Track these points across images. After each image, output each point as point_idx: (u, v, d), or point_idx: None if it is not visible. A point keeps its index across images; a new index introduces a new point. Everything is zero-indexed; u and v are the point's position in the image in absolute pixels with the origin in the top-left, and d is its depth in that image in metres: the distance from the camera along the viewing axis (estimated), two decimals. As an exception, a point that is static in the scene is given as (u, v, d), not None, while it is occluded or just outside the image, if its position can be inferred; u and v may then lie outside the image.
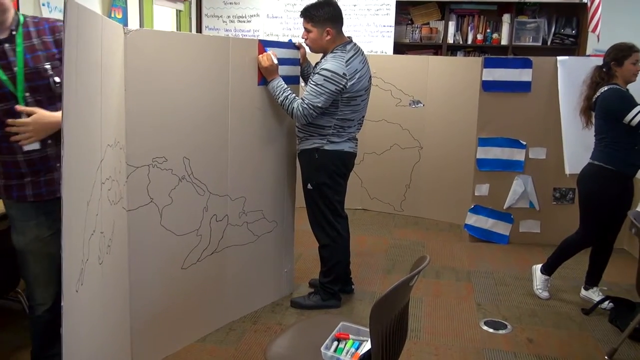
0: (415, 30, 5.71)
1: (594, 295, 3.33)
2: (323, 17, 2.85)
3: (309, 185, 3.00)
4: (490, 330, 3.00)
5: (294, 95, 2.84)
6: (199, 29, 5.72)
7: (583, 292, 3.40)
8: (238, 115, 2.73)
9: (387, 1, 5.42)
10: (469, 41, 5.65)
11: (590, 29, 4.89)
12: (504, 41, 5.54)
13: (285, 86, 2.83)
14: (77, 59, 1.42)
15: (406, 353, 2.65)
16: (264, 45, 2.81)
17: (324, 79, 2.78)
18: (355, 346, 1.95)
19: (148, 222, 2.36)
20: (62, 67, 1.33)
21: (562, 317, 3.17)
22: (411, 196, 5.07)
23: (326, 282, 3.14)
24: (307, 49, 3.05)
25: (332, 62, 2.82)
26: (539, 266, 3.47)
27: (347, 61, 2.84)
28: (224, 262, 2.79)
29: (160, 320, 2.50)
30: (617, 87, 3.06)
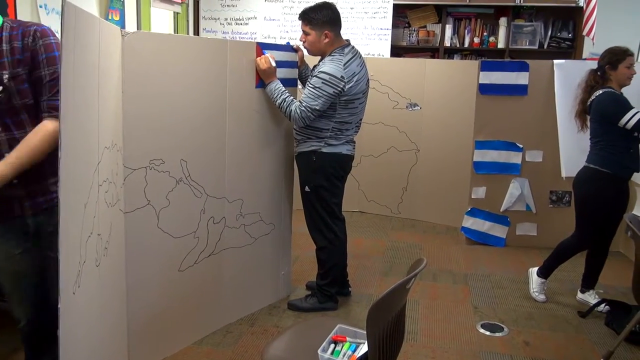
0: (413, 33, 5.72)
1: (591, 298, 3.34)
2: (321, 20, 2.86)
3: (307, 188, 3.00)
4: (487, 333, 3.00)
5: (291, 98, 2.85)
6: (196, 32, 5.72)
7: (579, 295, 3.41)
8: (236, 117, 2.73)
9: (384, 4, 5.43)
10: (466, 44, 5.67)
11: (584, 33, 4.92)
12: (500, 44, 5.56)
13: (283, 89, 2.83)
14: (75, 62, 1.42)
15: (403, 356, 2.65)
16: (261, 47, 2.81)
17: (322, 82, 2.79)
18: (352, 349, 1.95)
19: (145, 224, 2.36)
20: (60, 69, 1.32)
21: (559, 320, 3.18)
22: (408, 199, 5.07)
23: (323, 284, 3.14)
24: (305, 52, 3.06)
25: (330, 65, 2.82)
26: (535, 269, 3.47)
27: (345, 64, 2.84)
28: (221, 264, 2.79)
29: (157, 322, 2.50)
30: (612, 90, 3.07)
